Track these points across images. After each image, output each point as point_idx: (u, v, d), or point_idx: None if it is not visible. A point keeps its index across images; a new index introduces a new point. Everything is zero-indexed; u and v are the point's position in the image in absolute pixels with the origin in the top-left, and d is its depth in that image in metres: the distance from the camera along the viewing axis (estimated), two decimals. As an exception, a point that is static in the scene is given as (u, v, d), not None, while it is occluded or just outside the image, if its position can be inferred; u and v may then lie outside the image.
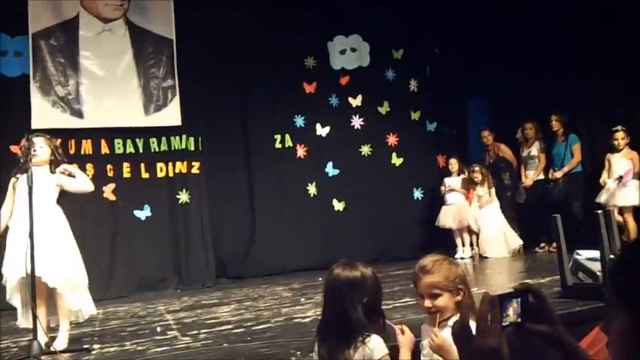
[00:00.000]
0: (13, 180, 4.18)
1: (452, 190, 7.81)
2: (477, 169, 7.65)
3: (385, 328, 2.18)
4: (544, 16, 7.47)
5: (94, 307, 4.26)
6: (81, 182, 4.30)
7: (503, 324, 1.00)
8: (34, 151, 4.07)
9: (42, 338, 3.88)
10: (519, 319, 1.03)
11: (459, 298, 2.21)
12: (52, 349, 3.86)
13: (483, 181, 7.62)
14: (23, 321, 4.07)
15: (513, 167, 8.00)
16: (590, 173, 7.30)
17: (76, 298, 4.09)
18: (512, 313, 1.02)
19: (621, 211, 6.51)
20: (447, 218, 7.78)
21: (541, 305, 1.05)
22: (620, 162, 6.75)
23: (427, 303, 2.22)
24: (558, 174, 7.33)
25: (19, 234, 3.91)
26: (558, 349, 1.04)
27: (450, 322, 2.20)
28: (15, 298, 4.05)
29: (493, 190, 7.66)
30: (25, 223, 3.84)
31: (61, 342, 4.01)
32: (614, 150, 6.82)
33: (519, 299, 1.04)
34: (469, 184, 7.77)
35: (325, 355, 2.12)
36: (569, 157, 7.39)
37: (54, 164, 4.25)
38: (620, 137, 6.76)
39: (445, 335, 2.19)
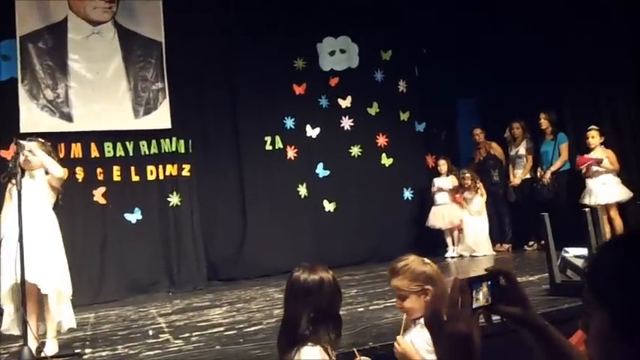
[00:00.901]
0: (9, 186, 4.13)
1: (441, 190, 7.86)
2: (467, 175, 7.69)
3: (340, 336, 2.16)
4: (532, 16, 7.53)
5: (74, 320, 4.22)
6: (53, 169, 4.17)
7: (473, 307, 1.00)
8: (27, 157, 4.05)
9: (33, 344, 3.86)
10: (489, 302, 1.03)
11: (427, 298, 2.20)
12: (42, 354, 3.86)
13: (472, 187, 7.66)
14: (10, 327, 4.05)
15: (503, 165, 8.07)
16: (578, 171, 7.37)
17: (60, 309, 4.08)
18: (482, 296, 1.03)
19: (606, 208, 6.58)
20: (436, 218, 7.83)
21: (512, 287, 1.06)
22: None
23: (397, 303, 2.32)
24: (547, 175, 7.38)
25: (12, 239, 3.89)
26: (529, 330, 1.05)
27: (421, 322, 2.23)
28: (7, 304, 4.02)
29: (483, 199, 7.69)
30: (17, 228, 3.83)
31: (51, 347, 4.00)
32: (589, 149, 6.88)
33: (489, 282, 1.04)
34: (459, 189, 7.80)
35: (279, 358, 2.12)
36: (557, 155, 7.46)
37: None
38: (591, 136, 6.83)
39: (413, 335, 2.22)
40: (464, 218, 7.71)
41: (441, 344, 0.98)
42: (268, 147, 7.77)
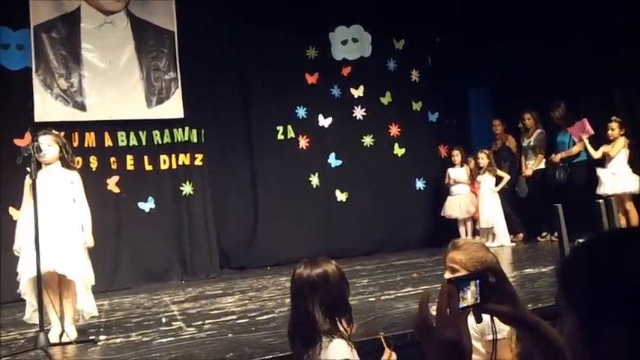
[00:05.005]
0: (27, 181, 4.13)
1: (456, 181, 7.82)
2: (486, 152, 7.62)
3: (352, 325, 2.16)
4: (545, 6, 7.43)
5: (96, 308, 4.34)
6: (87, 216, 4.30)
7: (461, 306, 0.98)
8: (43, 150, 4.08)
9: (57, 329, 3.99)
10: (478, 301, 1.01)
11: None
12: (65, 336, 3.95)
13: (488, 166, 7.59)
14: (32, 317, 4.11)
15: (515, 159, 8.00)
16: (593, 162, 7.28)
17: (85, 297, 4.17)
18: (469, 296, 1.00)
19: (621, 200, 6.50)
20: (452, 208, 7.80)
21: (501, 284, 1.03)
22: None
23: (446, 274, 2.28)
24: (557, 157, 7.32)
25: (31, 233, 3.93)
26: (520, 327, 1.03)
27: None
28: (28, 295, 4.09)
29: (495, 179, 7.65)
30: (45, 220, 3.90)
31: (70, 333, 4.07)
32: (609, 140, 6.80)
33: (478, 281, 1.02)
34: (475, 173, 7.76)
35: (295, 356, 2.12)
36: (573, 146, 7.38)
37: (64, 161, 4.28)
38: (611, 128, 6.73)
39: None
40: (479, 204, 7.65)
41: (430, 351, 0.96)
42: (280, 136, 7.77)
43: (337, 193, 7.99)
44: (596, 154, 6.85)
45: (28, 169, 3.99)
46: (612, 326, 0.75)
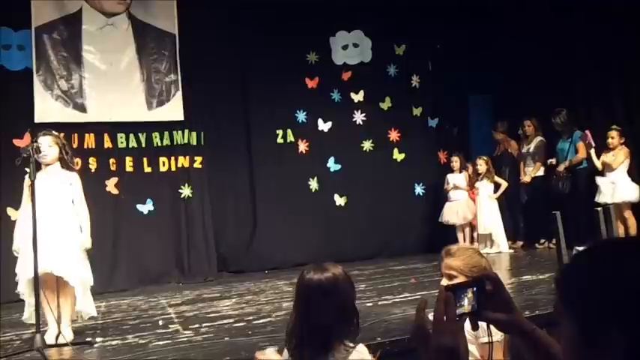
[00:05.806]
0: (26, 181, 4.12)
1: (455, 187, 7.83)
2: (485, 158, 7.64)
3: (359, 328, 2.14)
4: (545, 13, 7.46)
5: (94, 308, 4.35)
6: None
7: (457, 313, 0.99)
8: (43, 151, 4.08)
9: (54, 330, 3.98)
10: (474, 309, 1.02)
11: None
12: (61, 337, 3.95)
13: (486, 173, 7.61)
14: (31, 317, 4.10)
15: (516, 164, 8.01)
16: (594, 169, 7.28)
17: (84, 299, 4.17)
18: (466, 303, 1.01)
19: (620, 208, 6.50)
20: (450, 214, 7.81)
21: (498, 292, 1.03)
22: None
23: (443, 282, 2.29)
24: (560, 167, 7.33)
25: (30, 234, 3.93)
26: (517, 335, 1.04)
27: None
28: (26, 295, 4.08)
29: (492, 186, 7.66)
30: (44, 221, 3.89)
31: (66, 335, 4.06)
32: (608, 149, 6.81)
33: (475, 288, 1.02)
34: (474, 179, 7.77)
35: None
36: (573, 153, 7.39)
37: (63, 162, 4.28)
38: (611, 137, 6.75)
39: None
40: (477, 211, 7.66)
41: (427, 357, 0.97)
42: (280, 140, 7.77)
43: (336, 197, 7.99)
44: (599, 165, 6.85)
45: (27, 169, 3.99)
46: (610, 333, 0.75)
